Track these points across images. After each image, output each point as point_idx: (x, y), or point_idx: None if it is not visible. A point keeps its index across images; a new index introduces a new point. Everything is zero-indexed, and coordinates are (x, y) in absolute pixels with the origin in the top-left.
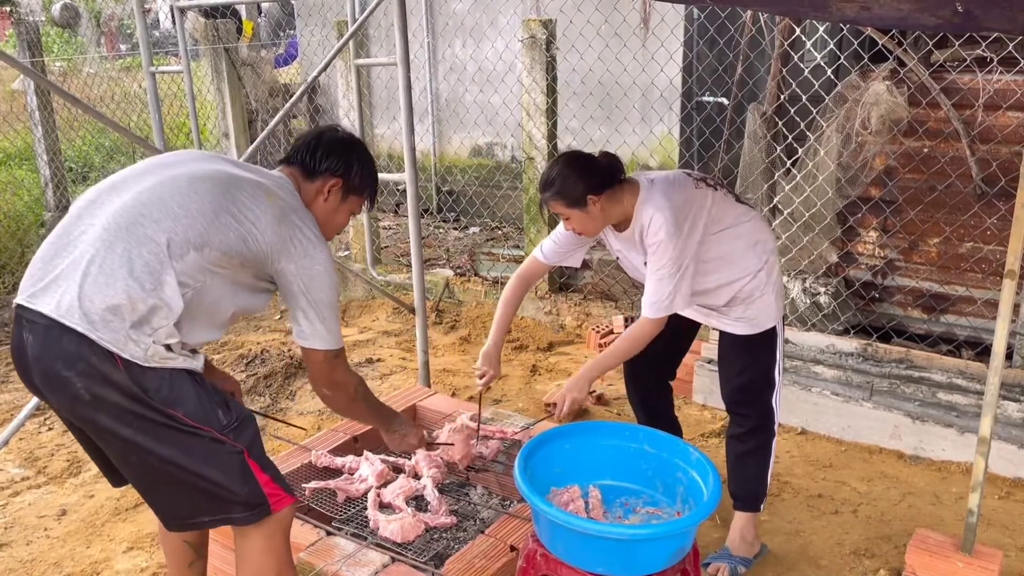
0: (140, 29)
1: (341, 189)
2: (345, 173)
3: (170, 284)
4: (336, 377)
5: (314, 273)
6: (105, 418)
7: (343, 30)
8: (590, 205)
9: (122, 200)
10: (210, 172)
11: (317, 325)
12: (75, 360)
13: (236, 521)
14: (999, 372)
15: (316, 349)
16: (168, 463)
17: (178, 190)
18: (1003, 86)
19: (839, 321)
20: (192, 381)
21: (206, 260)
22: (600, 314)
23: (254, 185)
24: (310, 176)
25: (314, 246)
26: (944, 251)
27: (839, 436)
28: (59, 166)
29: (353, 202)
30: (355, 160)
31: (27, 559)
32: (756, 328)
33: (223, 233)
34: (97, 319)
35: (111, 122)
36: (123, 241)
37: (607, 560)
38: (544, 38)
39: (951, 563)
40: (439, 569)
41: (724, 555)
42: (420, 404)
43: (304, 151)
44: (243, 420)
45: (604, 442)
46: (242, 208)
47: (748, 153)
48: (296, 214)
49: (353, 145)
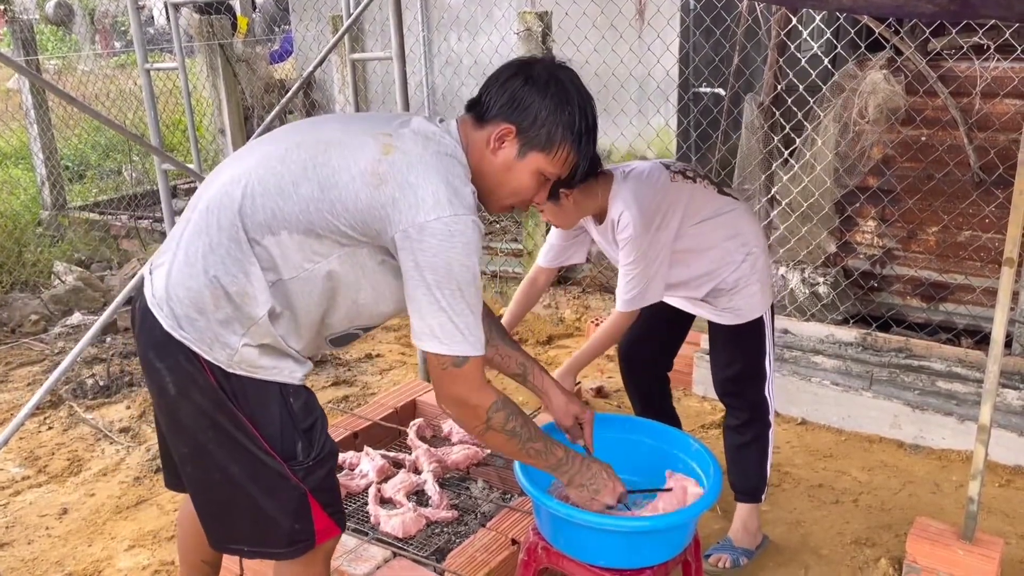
0: (134, 26)
1: (516, 140)
2: (520, 117)
3: (255, 274)
4: (457, 392)
5: (426, 246)
6: (186, 417)
7: (338, 25)
8: (562, 198)
9: (224, 177)
10: (315, 137)
11: (429, 318)
12: (164, 354)
13: (276, 557)
14: (998, 360)
15: (429, 352)
16: (229, 479)
17: (268, 166)
18: (1000, 74)
19: (838, 311)
20: (281, 399)
21: (292, 246)
22: (599, 307)
23: (362, 139)
24: (481, 122)
25: (437, 206)
26: (942, 240)
27: (839, 426)
28: (55, 165)
29: (540, 162)
30: (550, 97)
31: (29, 558)
32: (742, 319)
33: (304, 209)
34: (181, 314)
35: (107, 120)
36: (209, 226)
37: (608, 552)
38: (540, 30)
39: (952, 551)
40: (441, 563)
41: (727, 546)
42: (420, 399)
43: (487, 87)
44: (321, 459)
45: (604, 434)
46: (332, 173)
47: (745, 144)
48: (416, 167)
49: (555, 81)
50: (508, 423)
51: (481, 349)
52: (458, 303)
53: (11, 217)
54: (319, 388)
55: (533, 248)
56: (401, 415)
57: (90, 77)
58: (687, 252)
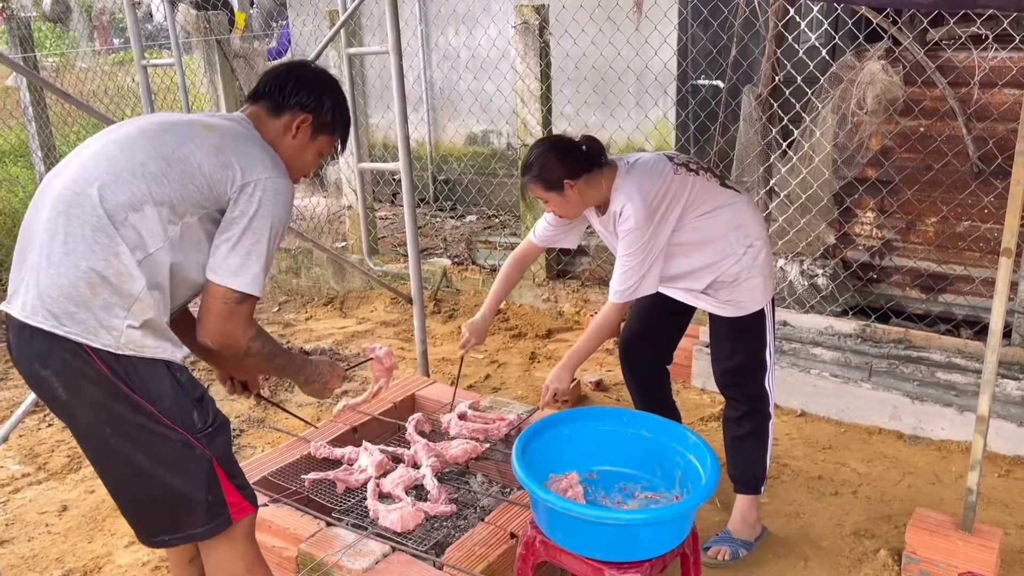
0: (130, 22)
1: (310, 126)
2: (316, 109)
3: (124, 254)
4: (231, 327)
5: (256, 198)
6: (84, 415)
7: (335, 19)
8: (567, 189)
9: (60, 182)
10: (137, 128)
11: (233, 258)
12: (48, 358)
13: (198, 537)
14: (997, 350)
15: (220, 284)
16: (136, 471)
17: (108, 156)
18: (999, 63)
19: (837, 303)
20: (169, 374)
21: (155, 218)
22: (598, 300)
23: (187, 123)
24: (276, 112)
25: (265, 169)
26: (941, 231)
27: (838, 417)
28: (54, 162)
29: (323, 142)
30: (327, 96)
31: (29, 555)
32: (743, 311)
33: (158, 183)
34: (61, 313)
35: (104, 117)
36: (64, 225)
37: (606, 545)
38: (537, 24)
39: (951, 542)
40: (439, 557)
41: (726, 538)
42: (419, 393)
43: (272, 84)
44: (218, 425)
45: (602, 428)
46: (174, 149)
47: (744, 136)
48: (241, 140)
49: (327, 81)
50: (264, 348)
51: (260, 293)
52: (261, 250)
53: (10, 215)
54: None
55: None
56: (400, 410)
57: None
58: (689, 244)
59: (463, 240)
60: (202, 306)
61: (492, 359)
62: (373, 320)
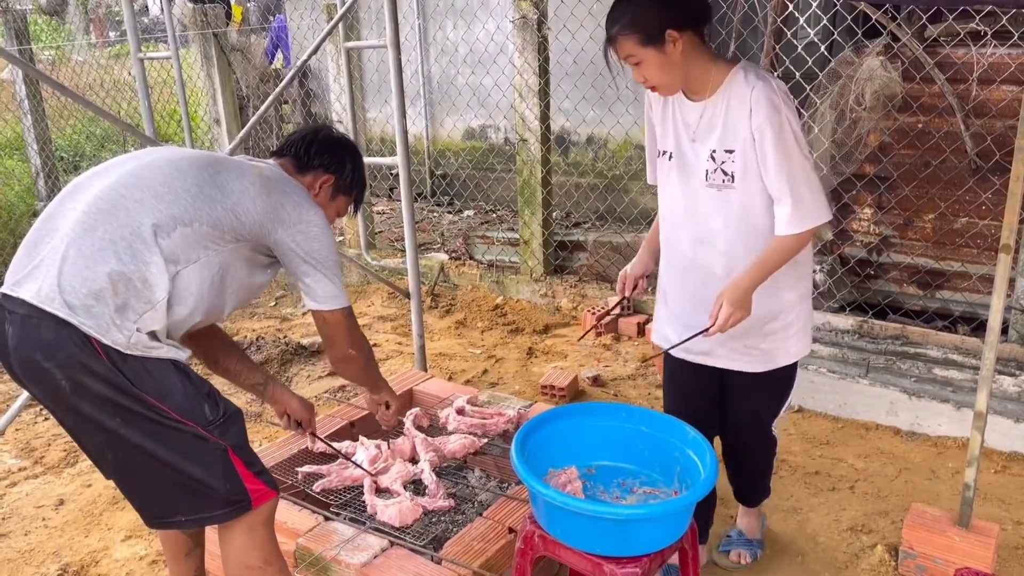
0: (127, 15)
1: (332, 187)
2: (338, 171)
3: (156, 264)
4: (356, 335)
5: (312, 234)
6: (88, 408)
7: (333, 13)
8: (668, 43)
9: (103, 183)
10: (190, 155)
11: (329, 286)
12: (54, 350)
13: (214, 520)
14: (995, 347)
15: (335, 310)
16: (150, 457)
17: (160, 170)
18: (997, 60)
19: (835, 299)
20: (177, 372)
21: (197, 235)
22: (596, 296)
23: (237, 162)
24: (301, 170)
25: (308, 209)
26: (939, 227)
27: (836, 413)
28: (50, 155)
29: (341, 202)
30: (348, 160)
31: (25, 549)
32: (773, 364)
33: (210, 207)
34: (78, 304)
35: (100, 110)
36: (104, 224)
37: (604, 540)
38: (535, 18)
39: (948, 537)
40: (438, 552)
41: (741, 540)
42: (417, 388)
43: (299, 145)
44: (229, 416)
45: (601, 423)
46: (228, 181)
47: None
48: (284, 183)
49: (348, 146)
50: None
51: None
52: (336, 270)
53: (6, 208)
54: (315, 378)
55: (529, 237)
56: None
57: (84, 67)
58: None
59: (460, 235)
60: (326, 337)
61: (489, 354)
62: (370, 315)
